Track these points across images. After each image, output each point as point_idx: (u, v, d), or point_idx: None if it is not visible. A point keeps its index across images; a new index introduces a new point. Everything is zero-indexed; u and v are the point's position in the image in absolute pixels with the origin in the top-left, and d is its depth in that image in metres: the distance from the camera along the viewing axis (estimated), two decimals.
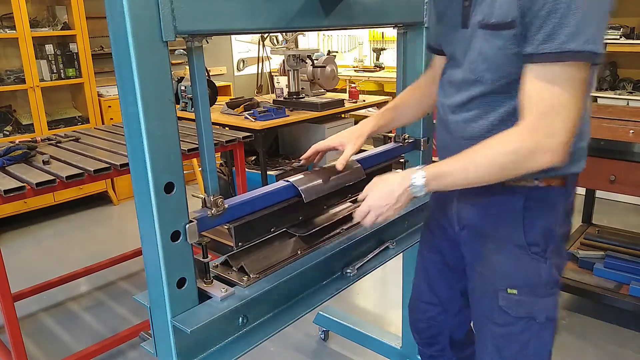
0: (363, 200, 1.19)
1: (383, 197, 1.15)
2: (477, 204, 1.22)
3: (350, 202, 1.53)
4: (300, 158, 1.49)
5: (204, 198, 1.12)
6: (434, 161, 1.19)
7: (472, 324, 1.37)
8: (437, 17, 1.27)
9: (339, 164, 1.37)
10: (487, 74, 1.08)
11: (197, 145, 2.24)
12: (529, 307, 1.17)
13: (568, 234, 1.22)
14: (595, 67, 0.99)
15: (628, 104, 4.03)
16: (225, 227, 1.17)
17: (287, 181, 1.34)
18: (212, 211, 1.11)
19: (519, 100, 1.01)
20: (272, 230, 1.30)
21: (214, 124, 3.31)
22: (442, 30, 1.24)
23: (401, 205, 1.15)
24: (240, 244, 1.21)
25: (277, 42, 4.15)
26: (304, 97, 3.85)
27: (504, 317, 1.19)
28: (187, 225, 1.02)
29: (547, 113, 0.96)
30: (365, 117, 5.38)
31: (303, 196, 1.31)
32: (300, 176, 1.37)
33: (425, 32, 1.56)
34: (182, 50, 3.82)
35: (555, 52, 0.93)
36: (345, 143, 1.40)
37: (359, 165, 1.51)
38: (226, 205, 1.14)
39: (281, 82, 4.01)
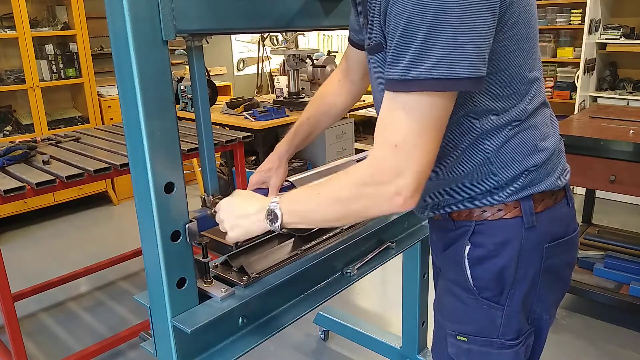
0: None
1: (235, 212, 1.02)
2: (434, 239, 1.13)
3: None
4: None
5: (204, 197, 1.12)
6: None
7: None
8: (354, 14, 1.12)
9: None
10: (378, 95, 0.96)
11: (197, 145, 2.24)
12: (479, 358, 1.01)
13: (553, 270, 1.00)
14: (474, 89, 0.82)
15: (628, 104, 4.03)
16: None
17: (288, 181, 1.34)
18: (212, 211, 1.11)
19: None
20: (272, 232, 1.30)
21: (214, 124, 3.31)
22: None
23: (246, 227, 1.00)
24: (239, 244, 1.21)
25: (277, 42, 4.15)
26: (304, 97, 3.85)
27: None
28: (187, 225, 1.02)
29: (394, 148, 0.81)
30: (366, 116, 5.39)
31: (295, 185, 1.31)
32: (299, 176, 1.37)
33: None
34: (182, 50, 3.83)
35: (398, 79, 0.79)
36: (268, 179, 1.31)
37: (354, 160, 1.51)
38: None
39: (281, 82, 4.01)
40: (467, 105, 0.90)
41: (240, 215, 1.01)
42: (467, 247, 0.98)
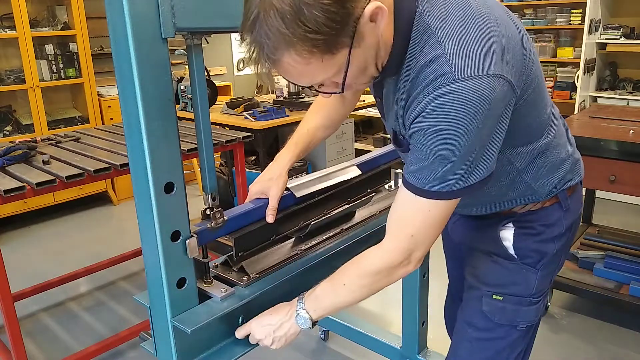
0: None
1: (266, 322, 1.11)
2: (462, 221, 1.30)
3: (349, 204, 1.53)
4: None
5: (204, 210, 1.12)
6: None
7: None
8: None
9: (269, 217, 1.23)
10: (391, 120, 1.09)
11: (197, 145, 2.24)
12: (512, 316, 1.18)
13: (570, 240, 1.23)
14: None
15: (628, 104, 4.03)
16: (226, 238, 1.18)
17: (286, 188, 1.33)
18: (212, 224, 1.11)
19: None
20: (272, 238, 1.30)
21: (214, 124, 3.31)
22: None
23: (285, 336, 1.13)
24: (240, 254, 1.21)
25: None
26: (304, 97, 3.85)
27: (484, 322, 1.20)
28: (188, 241, 1.02)
29: (410, 237, 0.98)
30: (366, 117, 5.39)
31: (293, 192, 1.31)
32: (297, 182, 1.37)
33: None
34: (182, 50, 3.82)
35: (421, 188, 0.93)
36: (268, 189, 1.29)
37: (355, 165, 1.51)
38: (226, 217, 1.14)
39: (281, 82, 4.01)
40: (503, 160, 1.05)
41: (276, 330, 1.12)
42: (508, 228, 1.17)
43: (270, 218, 1.22)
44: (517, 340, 1.20)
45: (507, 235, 1.17)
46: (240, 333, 1.12)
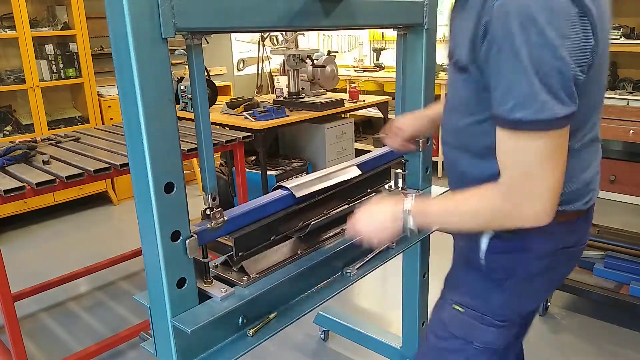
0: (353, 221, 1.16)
1: (373, 227, 1.13)
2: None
3: (349, 205, 1.53)
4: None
5: (204, 210, 1.12)
6: (435, 161, 1.20)
7: None
8: None
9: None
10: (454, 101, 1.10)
11: (197, 145, 2.24)
12: (468, 330, 1.13)
13: (553, 271, 1.11)
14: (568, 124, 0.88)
15: (628, 104, 4.03)
16: (226, 238, 1.18)
17: (285, 187, 1.34)
18: (212, 224, 1.11)
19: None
20: (272, 238, 1.30)
21: (214, 124, 3.31)
22: None
23: (389, 237, 1.12)
24: (240, 254, 1.21)
25: (277, 42, 4.15)
26: (304, 97, 3.85)
27: (442, 330, 1.17)
28: (188, 240, 1.03)
29: (521, 178, 0.90)
30: (366, 117, 5.39)
31: (293, 192, 1.31)
32: (297, 181, 1.37)
33: (426, 35, 1.55)
34: (182, 50, 3.82)
35: (508, 119, 0.87)
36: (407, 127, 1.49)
37: (355, 165, 1.51)
38: (226, 217, 1.14)
39: (281, 82, 4.01)
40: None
41: (380, 227, 1.11)
42: (488, 232, 1.08)
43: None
44: (473, 359, 1.13)
45: (485, 240, 1.09)
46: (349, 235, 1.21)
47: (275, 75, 4.72)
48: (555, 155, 0.88)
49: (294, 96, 3.83)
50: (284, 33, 3.75)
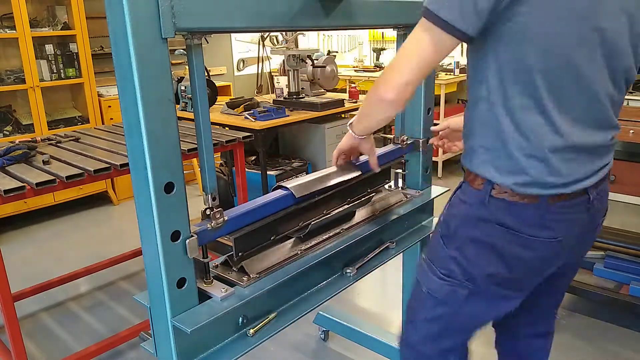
0: None
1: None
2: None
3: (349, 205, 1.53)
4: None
5: (204, 210, 1.12)
6: (435, 161, 1.22)
7: None
8: None
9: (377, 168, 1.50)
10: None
11: (197, 145, 2.24)
12: (420, 273, 1.28)
13: (501, 259, 1.12)
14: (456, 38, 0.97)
15: (628, 104, 4.03)
16: (226, 238, 1.18)
17: (285, 187, 1.34)
18: (212, 224, 1.11)
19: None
20: (272, 238, 1.30)
21: (214, 124, 3.31)
22: None
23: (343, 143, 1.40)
24: (240, 254, 1.21)
25: (277, 42, 4.15)
26: (304, 97, 3.85)
27: (415, 277, 1.33)
28: (188, 240, 1.03)
29: (395, 59, 1.05)
30: None
31: (293, 192, 1.31)
32: (297, 182, 1.37)
33: None
34: (182, 50, 3.82)
35: (423, 7, 0.99)
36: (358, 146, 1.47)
37: (355, 164, 1.51)
38: (226, 217, 1.14)
39: (281, 82, 4.01)
40: (482, 66, 1.06)
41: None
42: (452, 198, 1.23)
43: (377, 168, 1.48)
44: (424, 301, 1.27)
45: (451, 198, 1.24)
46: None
47: (275, 75, 4.72)
48: (423, 53, 1.00)
49: (294, 96, 3.83)
50: (284, 33, 3.75)
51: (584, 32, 0.98)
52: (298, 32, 3.89)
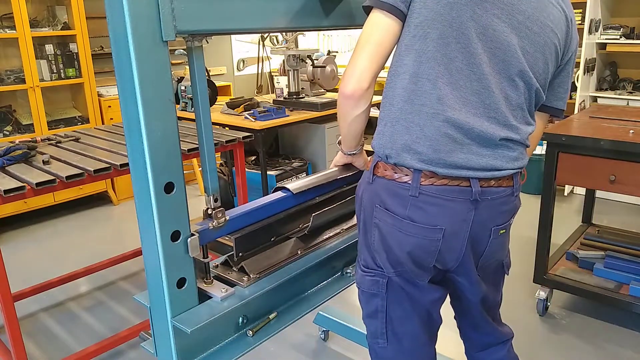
0: None
1: None
2: None
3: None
4: None
5: (205, 210, 1.12)
6: None
7: None
8: None
9: None
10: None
11: (197, 145, 2.24)
12: (356, 276, 1.26)
13: (381, 231, 1.14)
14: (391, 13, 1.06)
15: (628, 104, 4.03)
16: (226, 238, 1.18)
17: (285, 188, 1.34)
18: (214, 223, 1.11)
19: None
20: (272, 239, 1.30)
21: (214, 124, 3.31)
22: None
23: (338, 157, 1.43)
24: (241, 254, 1.22)
25: (277, 42, 4.15)
26: (304, 97, 3.85)
27: None
28: (189, 239, 1.03)
29: (354, 52, 1.10)
30: None
31: (291, 190, 1.31)
32: (297, 183, 1.37)
33: None
34: (182, 50, 3.83)
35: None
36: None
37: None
38: (227, 217, 1.14)
39: (281, 82, 4.01)
40: (401, 49, 1.13)
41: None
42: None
43: None
44: (361, 300, 1.26)
45: None
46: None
47: (275, 75, 4.72)
48: (370, 38, 1.08)
49: (294, 96, 3.83)
50: (284, 33, 3.75)
51: (468, 15, 1.05)
52: (298, 32, 3.89)
